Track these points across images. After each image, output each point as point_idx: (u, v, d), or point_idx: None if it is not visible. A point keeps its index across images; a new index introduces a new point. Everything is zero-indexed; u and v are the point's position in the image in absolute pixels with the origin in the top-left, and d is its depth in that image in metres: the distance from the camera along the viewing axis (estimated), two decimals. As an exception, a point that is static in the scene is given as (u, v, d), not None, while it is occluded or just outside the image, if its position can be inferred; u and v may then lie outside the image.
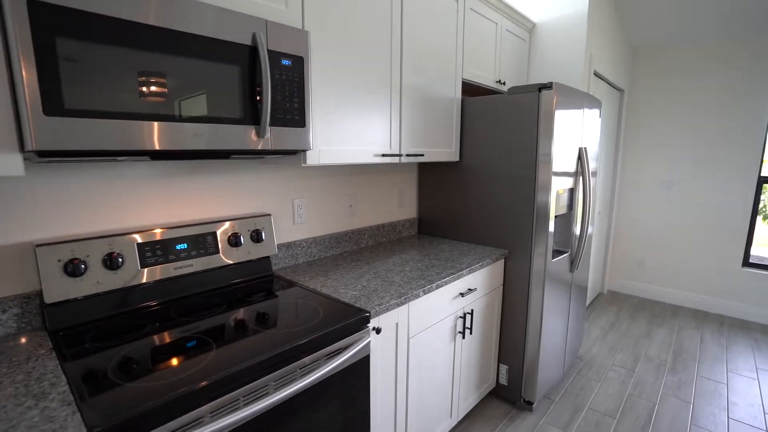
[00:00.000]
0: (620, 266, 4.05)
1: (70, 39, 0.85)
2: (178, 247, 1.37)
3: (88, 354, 1.01)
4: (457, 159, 2.26)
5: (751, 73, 3.21)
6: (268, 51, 1.20)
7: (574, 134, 2.14)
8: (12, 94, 0.84)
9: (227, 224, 1.49)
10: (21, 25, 0.80)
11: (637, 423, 2.13)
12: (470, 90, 2.51)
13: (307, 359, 1.11)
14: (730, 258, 3.45)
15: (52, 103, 0.84)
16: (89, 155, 0.95)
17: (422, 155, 1.95)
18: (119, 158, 1.11)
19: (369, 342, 1.28)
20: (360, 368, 1.29)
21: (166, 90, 1.00)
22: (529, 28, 2.81)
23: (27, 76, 0.81)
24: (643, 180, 3.82)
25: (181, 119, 1.04)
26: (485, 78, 2.40)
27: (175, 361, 0.97)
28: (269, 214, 1.62)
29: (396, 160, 1.81)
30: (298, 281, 1.57)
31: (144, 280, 1.28)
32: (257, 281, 1.56)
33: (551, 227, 2.02)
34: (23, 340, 1.08)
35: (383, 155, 1.74)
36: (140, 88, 0.96)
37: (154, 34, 0.97)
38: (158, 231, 1.32)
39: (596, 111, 2.42)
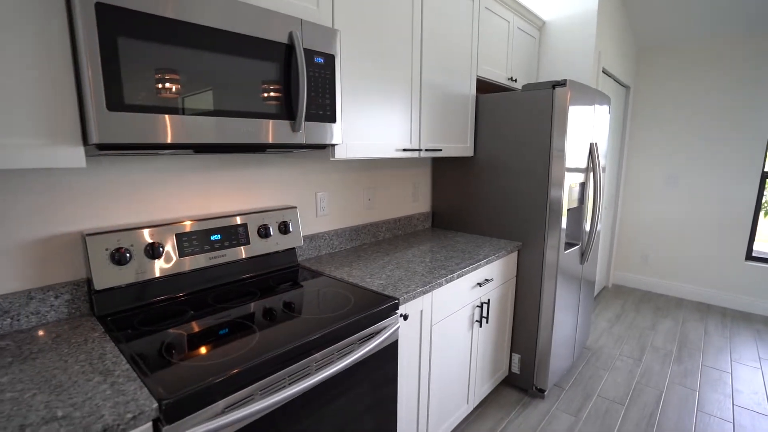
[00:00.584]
0: (625, 260, 4.12)
1: (132, 39, 0.91)
2: (212, 237, 1.43)
3: (138, 336, 1.07)
4: (472, 154, 2.31)
5: (756, 70, 3.26)
6: (303, 49, 1.25)
7: (586, 130, 2.20)
8: (78, 92, 0.90)
9: (257, 216, 1.55)
10: (89, 26, 0.85)
11: (646, 409, 2.20)
12: (483, 87, 2.57)
13: (343, 342, 1.17)
14: (734, 252, 3.52)
15: (115, 99, 0.90)
16: (143, 148, 1.00)
17: (440, 150, 2.01)
18: (165, 152, 1.17)
19: (398, 328, 1.35)
20: (389, 352, 1.35)
21: (214, 87, 1.06)
22: (539, 25, 2.86)
23: (92, 73, 0.87)
24: (647, 175, 3.88)
25: (226, 114, 1.09)
26: (498, 75, 2.45)
27: (221, 343, 1.03)
28: (295, 207, 1.68)
29: (416, 154, 1.87)
30: (324, 271, 1.63)
31: (182, 270, 1.34)
32: (285, 271, 1.62)
33: (564, 221, 2.08)
34: (76, 324, 1.14)
35: (404, 150, 1.80)
36: (192, 85, 1.01)
37: (205, 33, 1.02)
38: (194, 223, 1.38)
39: (606, 107, 2.47)
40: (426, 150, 1.93)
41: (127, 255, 1.21)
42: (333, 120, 1.37)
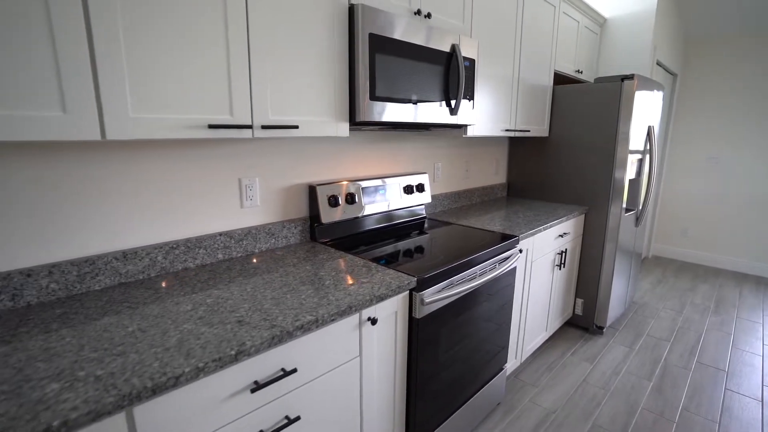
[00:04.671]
0: (664, 233, 4.54)
1: (382, 54, 1.44)
2: (380, 191, 1.98)
3: (361, 252, 1.63)
4: (547, 135, 2.80)
5: (797, 60, 3.59)
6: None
7: (645, 115, 2.65)
8: (350, 89, 1.44)
9: (403, 178, 2.09)
10: (363, 47, 1.39)
11: (688, 345, 2.69)
12: (555, 78, 3.02)
13: (489, 261, 1.71)
14: (769, 226, 3.91)
15: (372, 93, 1.44)
16: (374, 125, 1.54)
17: (528, 131, 2.51)
18: (373, 128, 1.71)
19: (518, 257, 1.88)
20: (511, 276, 1.89)
21: (413, 84, 1.59)
22: (601, 23, 3.28)
23: (362, 77, 1.41)
24: (689, 156, 4.26)
25: (419, 102, 1.62)
26: (568, 68, 2.91)
27: (420, 256, 1.58)
28: (426, 173, 2.22)
29: (512, 134, 2.37)
30: (450, 221, 2.18)
31: (364, 213, 1.90)
32: (422, 220, 2.17)
33: (626, 193, 2.56)
34: (311, 246, 1.72)
35: (507, 130, 2.31)
36: (404, 82, 1.55)
37: (413, 48, 1.55)
38: (368, 180, 1.93)
39: (660, 94, 2.90)
40: (519, 130, 2.43)
41: (338, 200, 1.77)
42: (473, 107, 1.89)
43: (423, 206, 2.22)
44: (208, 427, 0.91)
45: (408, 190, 2.09)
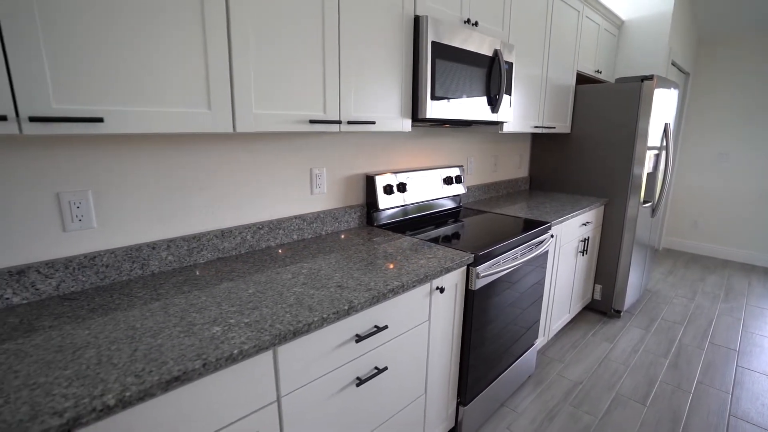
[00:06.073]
0: (675, 226, 4.72)
1: (441, 59, 1.64)
2: (425, 182, 2.17)
3: (415, 235, 1.83)
4: (569, 131, 2.98)
5: (805, 60, 3.76)
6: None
7: (662, 113, 2.83)
8: (413, 89, 1.64)
9: (443, 170, 2.28)
10: (426, 53, 1.58)
11: (700, 328, 2.88)
12: (577, 78, 3.20)
13: (527, 244, 1.91)
14: (776, 219, 4.09)
15: (432, 93, 1.64)
16: (431, 122, 1.74)
17: (554, 127, 2.70)
18: (425, 125, 1.91)
19: (550, 242, 2.08)
20: (544, 258, 2.09)
21: (463, 85, 1.78)
22: (619, 25, 3.46)
23: (425, 79, 1.60)
24: (699, 151, 4.44)
25: (467, 101, 1.82)
26: (588, 68, 3.09)
27: (470, 238, 1.78)
28: (462, 165, 2.41)
29: (540, 130, 2.56)
30: (483, 209, 2.37)
31: (411, 201, 2.09)
32: (458, 209, 2.37)
33: (643, 185, 2.75)
34: (369, 230, 1.92)
35: (535, 126, 2.50)
36: (456, 84, 1.74)
37: (465, 53, 1.74)
38: (414, 172, 2.12)
39: (676, 92, 3.08)
40: (546, 127, 2.62)
41: (392, 188, 1.97)
42: (510, 105, 2.08)
43: (459, 196, 2.42)
44: (322, 370, 1.11)
45: (447, 181, 2.29)
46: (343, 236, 1.78)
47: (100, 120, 0.90)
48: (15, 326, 0.98)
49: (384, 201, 1.95)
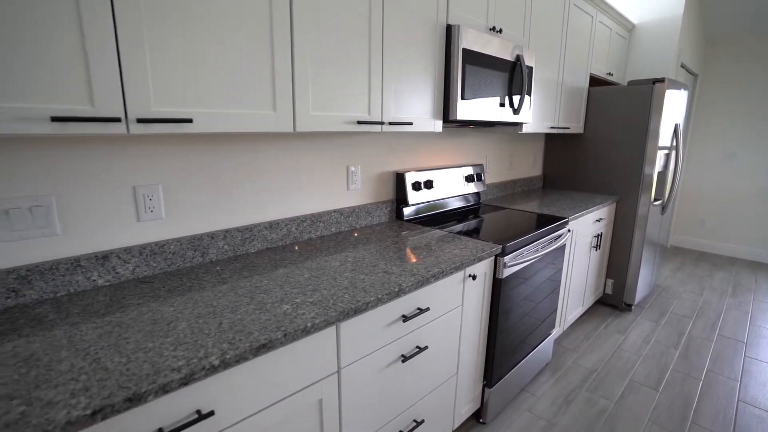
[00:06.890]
0: (683, 225, 4.82)
1: (470, 65, 1.76)
2: (449, 179, 2.29)
3: (443, 228, 1.95)
4: (582, 131, 3.10)
5: (811, 62, 3.86)
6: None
7: (673, 114, 2.94)
8: (444, 92, 1.76)
9: (465, 168, 2.41)
10: (457, 59, 1.71)
11: (709, 321, 2.99)
12: (589, 80, 3.31)
13: (546, 238, 2.03)
14: (782, 217, 4.18)
15: (462, 94, 1.76)
16: (458, 123, 1.86)
17: (568, 128, 2.82)
18: (452, 125, 2.03)
19: (567, 236, 2.19)
20: (561, 252, 2.20)
21: (487, 87, 1.90)
22: (630, 28, 3.56)
23: (456, 82, 1.72)
24: (707, 151, 4.54)
25: (492, 103, 1.94)
26: (600, 71, 3.21)
27: (493, 232, 1.90)
28: (482, 164, 2.53)
29: (556, 131, 2.68)
30: (503, 206, 2.49)
31: (437, 197, 2.21)
32: (479, 205, 2.49)
33: (654, 184, 2.86)
34: (399, 224, 2.04)
35: (552, 127, 2.61)
36: (482, 86, 1.86)
37: (491, 59, 1.86)
38: (440, 170, 2.25)
39: (685, 93, 3.19)
40: (561, 127, 2.73)
41: (420, 185, 2.09)
42: (530, 107, 2.20)
43: (479, 193, 2.54)
44: (374, 346, 1.23)
45: (469, 178, 2.41)
46: (377, 229, 1.90)
47: (189, 121, 1.03)
48: (107, 303, 1.11)
49: (413, 197, 2.07)
